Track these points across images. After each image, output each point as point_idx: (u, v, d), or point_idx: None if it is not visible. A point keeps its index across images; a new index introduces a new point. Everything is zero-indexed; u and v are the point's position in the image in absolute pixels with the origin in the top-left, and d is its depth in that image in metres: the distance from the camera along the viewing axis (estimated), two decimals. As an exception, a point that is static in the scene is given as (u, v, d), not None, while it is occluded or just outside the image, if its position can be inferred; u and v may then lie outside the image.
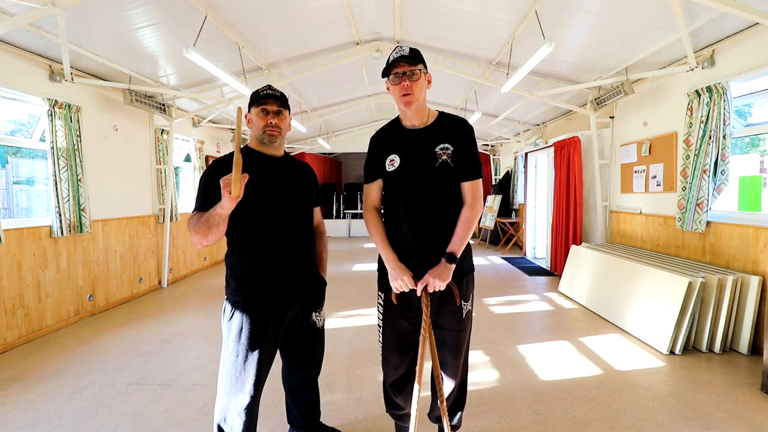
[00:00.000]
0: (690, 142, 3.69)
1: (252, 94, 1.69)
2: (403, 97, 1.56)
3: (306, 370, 1.91)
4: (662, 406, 2.40)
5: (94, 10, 3.18)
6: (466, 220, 1.61)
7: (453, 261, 1.57)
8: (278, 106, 1.66)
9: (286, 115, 1.72)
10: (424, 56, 1.65)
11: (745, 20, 3.07)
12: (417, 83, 1.55)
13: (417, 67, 1.55)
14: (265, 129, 1.65)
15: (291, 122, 1.86)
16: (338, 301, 4.73)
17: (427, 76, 1.61)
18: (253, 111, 1.67)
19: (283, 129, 1.70)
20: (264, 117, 1.65)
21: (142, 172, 5.25)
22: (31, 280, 3.58)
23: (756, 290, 3.06)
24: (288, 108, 1.72)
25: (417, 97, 1.56)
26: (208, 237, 1.48)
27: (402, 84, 1.54)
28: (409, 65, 1.54)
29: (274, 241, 1.65)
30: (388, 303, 1.71)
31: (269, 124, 1.64)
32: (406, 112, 1.63)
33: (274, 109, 1.66)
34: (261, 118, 1.65)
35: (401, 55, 1.54)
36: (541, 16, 3.57)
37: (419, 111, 1.63)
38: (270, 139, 1.67)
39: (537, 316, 4.18)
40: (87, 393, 2.59)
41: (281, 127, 1.68)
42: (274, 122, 1.65)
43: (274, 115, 1.66)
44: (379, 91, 7.81)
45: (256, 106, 1.66)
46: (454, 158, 1.60)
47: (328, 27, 4.53)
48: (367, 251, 8.79)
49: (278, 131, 1.67)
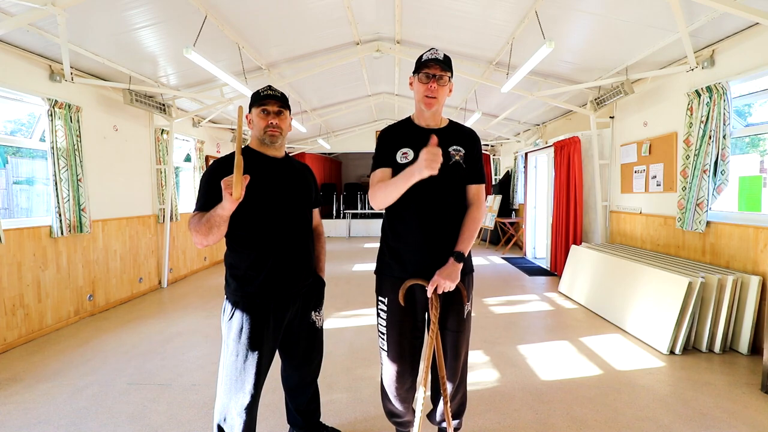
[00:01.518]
0: (690, 142, 3.69)
1: (252, 95, 1.69)
2: (426, 98, 1.61)
3: (305, 370, 1.90)
4: (662, 406, 2.40)
5: (94, 10, 3.18)
6: (473, 220, 1.63)
7: (461, 260, 1.57)
8: (279, 107, 1.67)
9: (287, 116, 1.72)
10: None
11: (745, 20, 3.07)
12: (443, 88, 1.61)
13: (447, 74, 1.60)
14: (266, 129, 1.65)
15: (292, 122, 1.86)
16: (338, 301, 4.73)
17: (450, 84, 1.64)
18: (254, 111, 1.67)
19: (284, 129, 1.70)
20: (265, 117, 1.65)
21: (142, 172, 5.25)
22: (31, 280, 3.58)
23: (756, 290, 3.06)
24: (288, 108, 1.73)
25: (439, 102, 1.62)
26: (209, 237, 1.48)
27: (430, 85, 1.58)
28: (441, 70, 1.58)
29: (274, 242, 1.65)
30: (392, 308, 1.68)
31: (270, 124, 1.65)
32: (423, 113, 1.67)
33: (275, 110, 1.66)
34: (262, 118, 1.65)
35: (436, 58, 1.58)
36: (541, 16, 3.57)
37: (436, 114, 1.68)
38: (271, 139, 1.67)
39: (537, 316, 4.18)
40: (87, 393, 2.59)
41: (282, 128, 1.68)
42: (275, 122, 1.65)
43: (275, 116, 1.66)
44: (379, 91, 7.81)
45: (256, 107, 1.66)
46: (465, 161, 1.65)
47: (328, 27, 4.52)
48: (367, 251, 8.79)
49: (279, 131, 1.67)
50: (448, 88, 1.64)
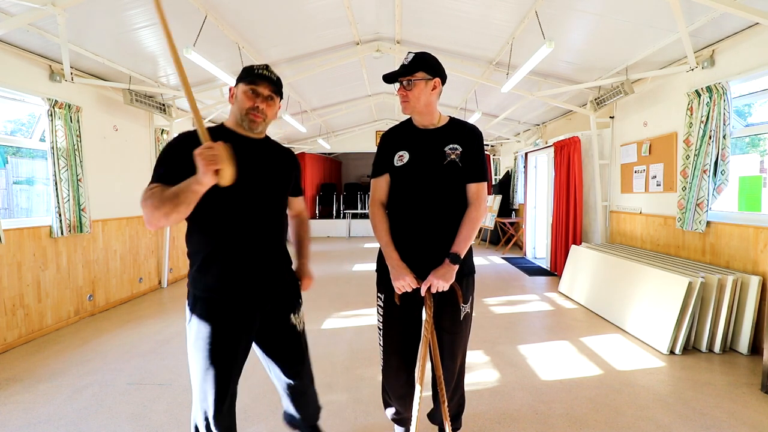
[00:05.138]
0: (690, 142, 3.69)
1: (245, 69, 1.48)
2: (401, 102, 1.66)
3: (298, 377, 1.71)
4: (662, 406, 2.40)
5: (94, 10, 3.18)
6: (471, 221, 1.62)
7: (457, 261, 1.57)
8: (271, 91, 1.48)
9: (276, 103, 1.53)
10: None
11: (745, 20, 3.06)
12: (412, 91, 1.61)
13: (414, 76, 1.60)
14: (249, 111, 1.45)
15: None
16: (338, 301, 4.73)
17: (434, 81, 1.62)
18: (241, 87, 1.46)
19: (269, 117, 1.51)
20: (252, 98, 1.45)
21: (142, 172, 5.24)
22: (31, 280, 3.58)
23: (756, 290, 3.06)
24: (281, 95, 1.55)
25: (413, 103, 1.63)
26: (171, 216, 1.26)
27: (400, 92, 1.64)
28: (406, 76, 1.61)
29: (239, 228, 1.45)
30: (388, 304, 1.70)
31: (255, 107, 1.45)
32: (413, 114, 1.69)
33: (266, 93, 1.47)
34: (249, 98, 1.45)
35: (402, 65, 1.62)
36: (541, 16, 3.57)
37: (425, 113, 1.67)
38: (251, 125, 1.48)
39: (537, 316, 4.18)
40: (87, 393, 2.59)
41: (267, 115, 1.49)
42: (261, 107, 1.46)
43: (264, 100, 1.47)
44: (379, 91, 7.81)
45: (246, 83, 1.46)
46: (462, 159, 1.63)
47: (328, 27, 4.53)
48: (367, 251, 8.79)
49: (262, 118, 1.48)
50: (427, 86, 1.60)
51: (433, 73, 1.61)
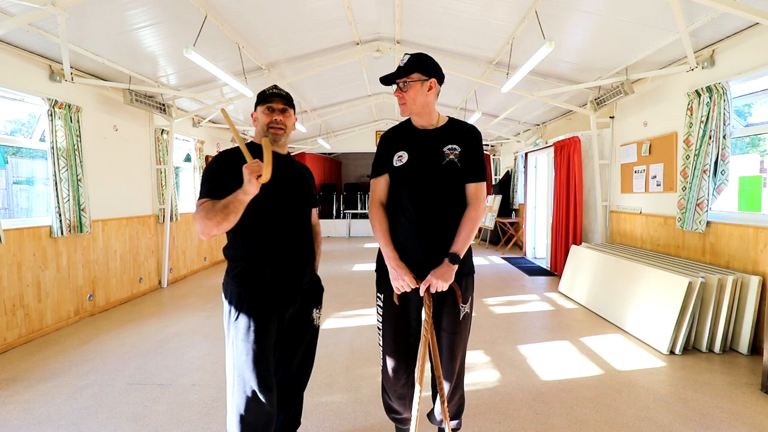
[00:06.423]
0: (690, 142, 3.69)
1: (258, 94, 1.72)
2: (399, 104, 1.68)
3: (300, 375, 1.83)
4: (662, 406, 2.40)
5: (94, 10, 3.18)
6: (470, 221, 1.62)
7: (456, 261, 1.57)
8: (283, 104, 1.69)
9: (291, 114, 1.74)
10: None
11: (745, 20, 3.07)
12: (408, 93, 1.62)
13: (410, 77, 1.61)
14: (270, 125, 1.66)
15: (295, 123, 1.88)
16: (338, 301, 4.73)
17: (429, 81, 1.62)
18: (259, 109, 1.70)
19: (288, 127, 1.72)
20: (269, 114, 1.67)
21: (142, 172, 5.25)
22: (31, 280, 3.58)
23: (756, 290, 3.06)
24: (293, 107, 1.75)
25: (410, 104, 1.64)
26: (222, 225, 1.47)
27: (396, 94, 1.66)
28: (401, 77, 1.62)
29: (279, 236, 1.65)
30: (387, 304, 1.71)
31: (274, 120, 1.66)
32: (411, 115, 1.71)
33: (280, 107, 1.68)
34: (266, 115, 1.67)
35: (398, 67, 1.64)
36: (541, 16, 3.57)
37: (423, 114, 1.67)
38: (274, 137, 1.67)
39: (537, 316, 4.18)
40: (87, 393, 2.59)
41: (286, 125, 1.70)
42: (279, 119, 1.67)
43: (279, 113, 1.68)
44: (379, 91, 7.81)
45: (261, 105, 1.69)
46: (461, 159, 1.64)
47: (328, 27, 4.52)
48: (367, 251, 8.79)
49: (283, 129, 1.69)
50: (423, 87, 1.61)
51: (428, 74, 1.62)
